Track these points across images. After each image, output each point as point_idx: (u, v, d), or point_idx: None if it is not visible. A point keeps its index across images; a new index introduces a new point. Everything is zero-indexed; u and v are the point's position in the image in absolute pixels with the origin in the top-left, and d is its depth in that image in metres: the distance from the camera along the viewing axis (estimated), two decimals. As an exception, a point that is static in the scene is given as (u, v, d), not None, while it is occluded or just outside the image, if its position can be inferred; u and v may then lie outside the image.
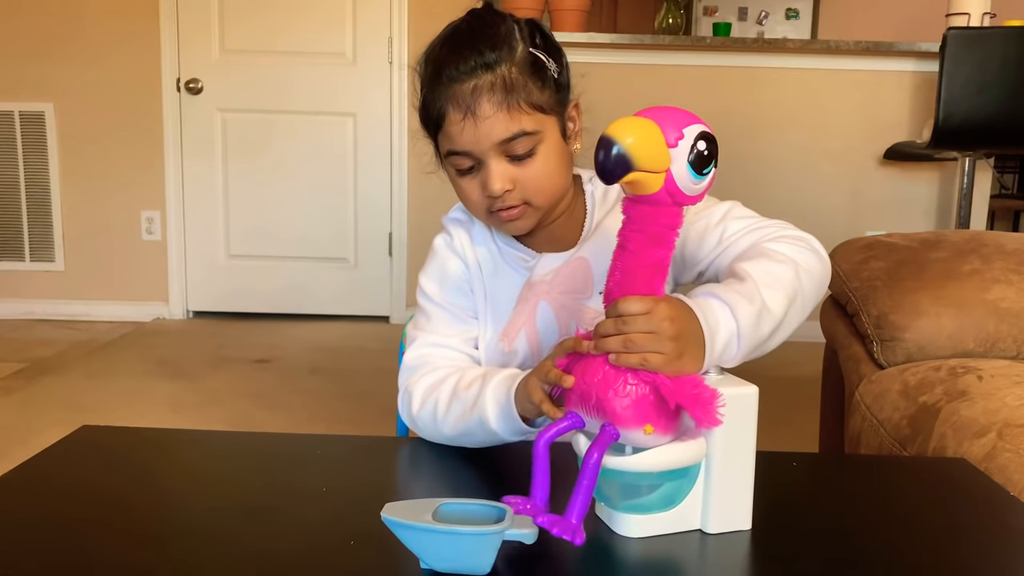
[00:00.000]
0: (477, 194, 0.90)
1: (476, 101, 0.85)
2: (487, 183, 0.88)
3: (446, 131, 0.88)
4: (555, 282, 0.96)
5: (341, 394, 2.71)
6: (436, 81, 0.88)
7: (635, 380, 0.66)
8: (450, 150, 0.89)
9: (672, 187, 0.64)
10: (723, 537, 0.70)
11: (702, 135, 0.64)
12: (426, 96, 0.90)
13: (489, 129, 0.86)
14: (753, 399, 0.70)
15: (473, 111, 0.85)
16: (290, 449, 0.93)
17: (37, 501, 0.76)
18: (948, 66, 2.64)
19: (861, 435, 1.40)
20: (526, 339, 0.96)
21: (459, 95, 0.86)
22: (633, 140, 0.61)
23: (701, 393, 0.65)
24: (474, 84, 0.85)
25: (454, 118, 0.86)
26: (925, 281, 1.47)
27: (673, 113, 0.64)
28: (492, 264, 0.99)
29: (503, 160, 0.88)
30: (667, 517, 0.70)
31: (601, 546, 0.68)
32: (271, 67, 3.56)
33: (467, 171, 0.90)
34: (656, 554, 0.68)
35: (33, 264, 3.68)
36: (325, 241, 3.68)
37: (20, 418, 2.45)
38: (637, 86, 3.36)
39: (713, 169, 0.65)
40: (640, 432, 0.66)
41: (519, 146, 0.87)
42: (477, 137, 0.86)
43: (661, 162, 0.63)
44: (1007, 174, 4.79)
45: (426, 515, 0.60)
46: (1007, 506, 0.80)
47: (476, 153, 0.87)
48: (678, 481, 0.69)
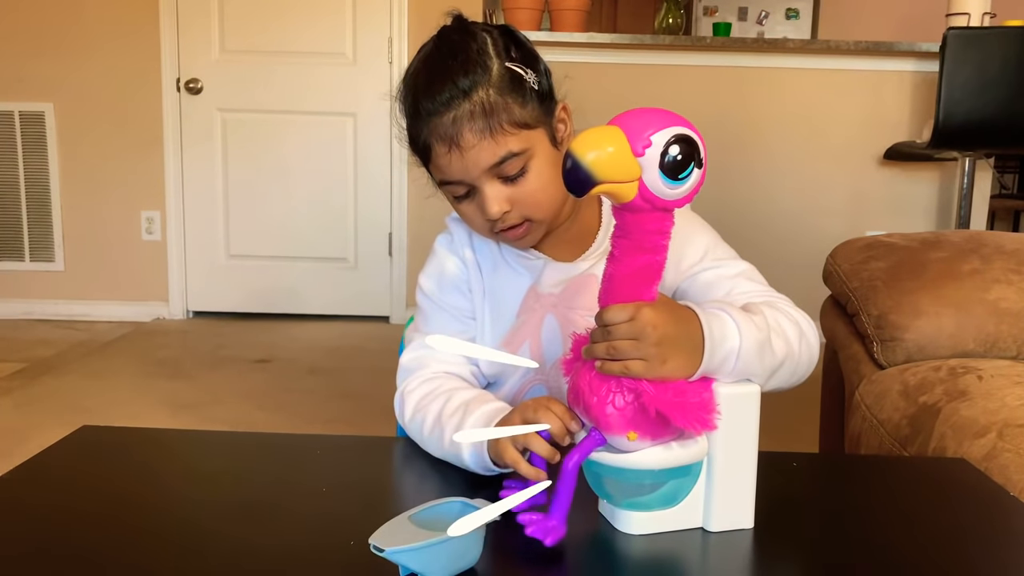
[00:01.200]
0: (478, 217, 0.89)
1: (458, 132, 0.84)
2: (484, 208, 0.87)
3: (435, 163, 0.87)
4: (563, 295, 0.95)
5: (340, 394, 2.71)
6: (416, 115, 0.87)
7: (618, 387, 0.66)
8: (442, 180, 0.89)
9: (648, 194, 0.62)
10: (724, 535, 0.70)
11: (676, 139, 0.61)
12: (410, 128, 0.89)
13: (476, 157, 0.84)
14: (755, 398, 0.71)
15: (457, 143, 0.84)
16: (289, 449, 0.93)
17: (37, 501, 0.76)
18: (948, 66, 2.64)
19: (861, 435, 1.40)
20: (529, 351, 0.95)
21: (440, 128, 0.84)
22: (595, 154, 0.60)
23: (685, 401, 0.65)
24: (453, 115, 0.84)
25: (439, 151, 0.85)
26: (925, 281, 1.47)
27: (644, 118, 0.62)
28: (492, 261, 0.98)
29: (496, 183, 0.86)
30: (669, 515, 0.70)
31: (603, 543, 0.69)
32: (271, 67, 3.56)
33: (464, 197, 0.89)
34: (658, 551, 0.68)
35: (33, 264, 3.68)
36: (325, 241, 3.68)
37: (20, 418, 2.45)
38: (637, 86, 3.36)
39: (695, 171, 0.63)
40: (624, 439, 0.66)
41: (509, 168, 0.86)
42: (465, 166, 0.85)
43: (629, 172, 0.61)
44: (1007, 174, 4.79)
45: (414, 532, 0.61)
46: (1007, 506, 0.80)
47: (468, 181, 0.87)
48: (680, 479, 0.69)
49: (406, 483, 0.88)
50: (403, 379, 0.96)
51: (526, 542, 0.66)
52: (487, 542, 0.64)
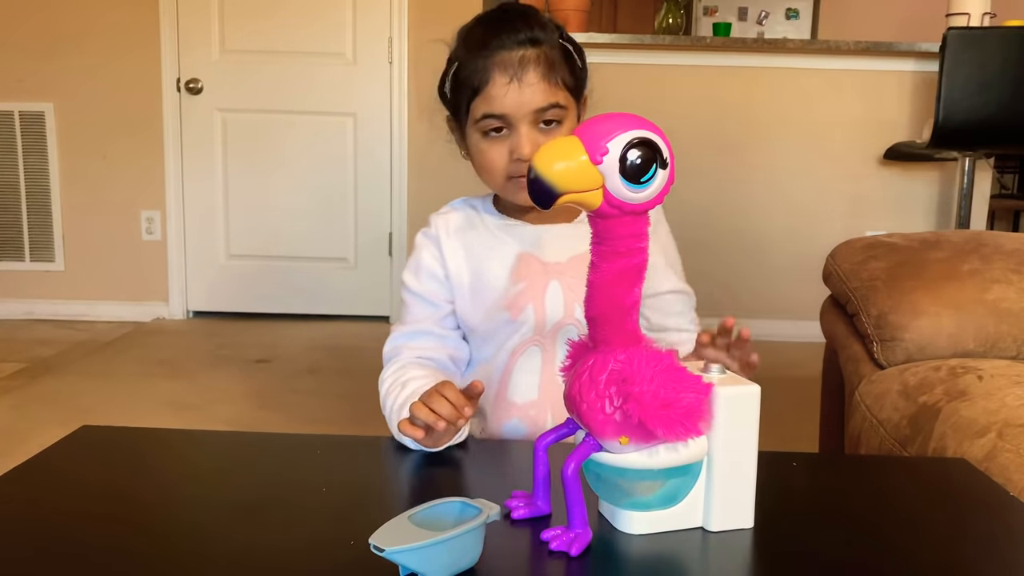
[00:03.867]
0: (502, 159, 0.98)
1: (523, 69, 0.95)
2: (518, 147, 0.96)
3: (487, 94, 0.96)
4: (570, 265, 1.03)
5: (341, 394, 2.71)
6: (482, 48, 0.96)
7: (608, 394, 0.66)
8: (487, 113, 0.96)
9: (613, 200, 0.62)
10: (725, 535, 0.70)
11: (634, 143, 0.61)
12: (465, 63, 0.97)
13: (531, 96, 0.95)
14: (755, 398, 0.71)
15: (519, 77, 0.94)
16: (289, 449, 0.93)
17: (37, 501, 0.76)
18: (948, 66, 2.64)
19: (861, 435, 1.40)
20: (533, 313, 1.02)
21: (507, 61, 0.95)
22: (553, 167, 0.61)
23: (670, 414, 0.65)
24: (522, 54, 0.95)
25: (499, 81, 0.95)
26: (925, 281, 1.47)
27: (602, 125, 0.62)
28: (475, 235, 1.05)
29: (534, 128, 0.96)
30: (669, 515, 0.70)
31: (603, 543, 0.69)
32: (271, 67, 3.56)
33: (495, 134, 0.97)
34: (658, 551, 0.68)
35: (33, 264, 3.68)
36: (325, 241, 3.68)
37: (20, 418, 2.45)
38: (637, 86, 3.36)
39: (659, 172, 0.62)
40: (616, 443, 0.66)
41: (551, 114, 0.96)
42: (520, 101, 0.95)
43: (590, 181, 0.61)
44: (1007, 174, 4.79)
45: (414, 532, 0.61)
46: (1007, 506, 0.80)
47: (512, 117, 0.96)
48: (679, 479, 0.69)
49: (406, 483, 0.88)
50: (384, 368, 1.05)
51: (526, 542, 0.66)
52: (487, 542, 0.64)
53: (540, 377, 1.04)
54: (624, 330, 0.67)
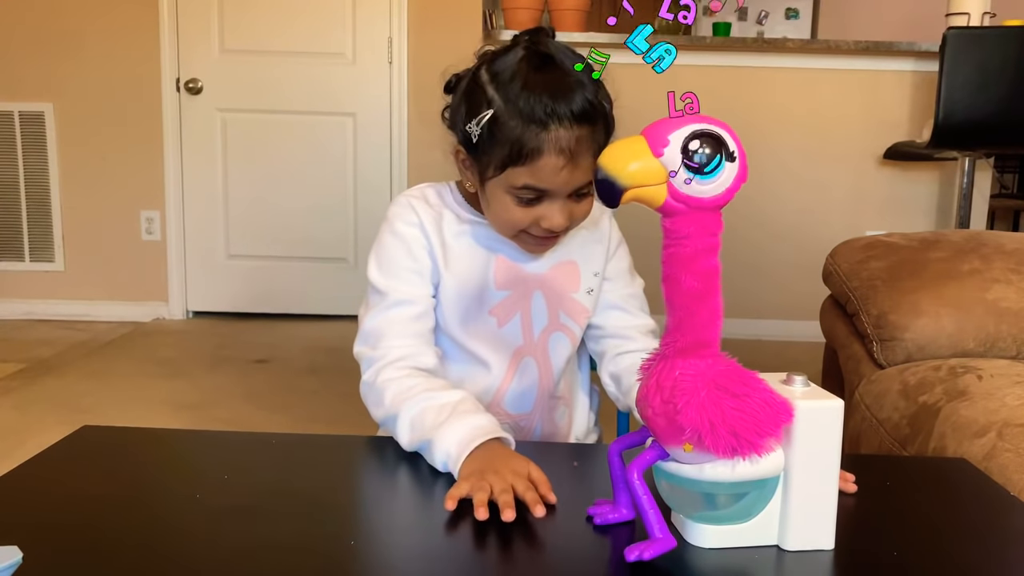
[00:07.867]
0: (526, 219, 0.93)
1: (578, 153, 0.87)
2: (551, 218, 0.91)
3: (535, 168, 0.88)
4: (548, 276, 1.03)
5: (341, 394, 2.70)
6: (533, 118, 0.87)
7: (671, 398, 0.63)
8: (529, 185, 0.90)
9: (678, 195, 0.61)
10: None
11: (695, 135, 0.60)
12: (510, 125, 0.88)
13: (580, 177, 0.89)
14: (838, 413, 0.67)
15: (575, 161, 0.88)
16: (289, 449, 0.92)
17: (37, 501, 0.76)
18: (948, 66, 2.64)
19: (861, 435, 1.40)
20: (520, 321, 1.03)
21: (563, 142, 0.87)
22: (615, 162, 0.61)
23: (715, 431, 0.62)
24: (578, 135, 0.87)
25: (553, 162, 0.87)
26: (925, 281, 1.47)
27: (667, 122, 0.62)
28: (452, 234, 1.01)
29: (569, 199, 0.92)
30: (742, 530, 0.68)
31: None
32: (271, 67, 3.56)
33: (530, 202, 0.91)
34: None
35: (33, 264, 3.68)
36: (325, 241, 3.68)
37: (20, 418, 2.45)
38: (637, 86, 3.35)
39: (725, 164, 0.61)
40: (680, 450, 0.64)
41: (586, 189, 0.92)
42: (568, 182, 0.89)
43: (655, 175, 0.61)
44: (1007, 174, 4.79)
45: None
46: (1007, 506, 0.80)
47: (554, 193, 0.90)
48: (754, 493, 0.67)
49: (406, 483, 0.88)
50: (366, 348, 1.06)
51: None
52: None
53: (536, 392, 1.05)
54: (700, 339, 0.64)
